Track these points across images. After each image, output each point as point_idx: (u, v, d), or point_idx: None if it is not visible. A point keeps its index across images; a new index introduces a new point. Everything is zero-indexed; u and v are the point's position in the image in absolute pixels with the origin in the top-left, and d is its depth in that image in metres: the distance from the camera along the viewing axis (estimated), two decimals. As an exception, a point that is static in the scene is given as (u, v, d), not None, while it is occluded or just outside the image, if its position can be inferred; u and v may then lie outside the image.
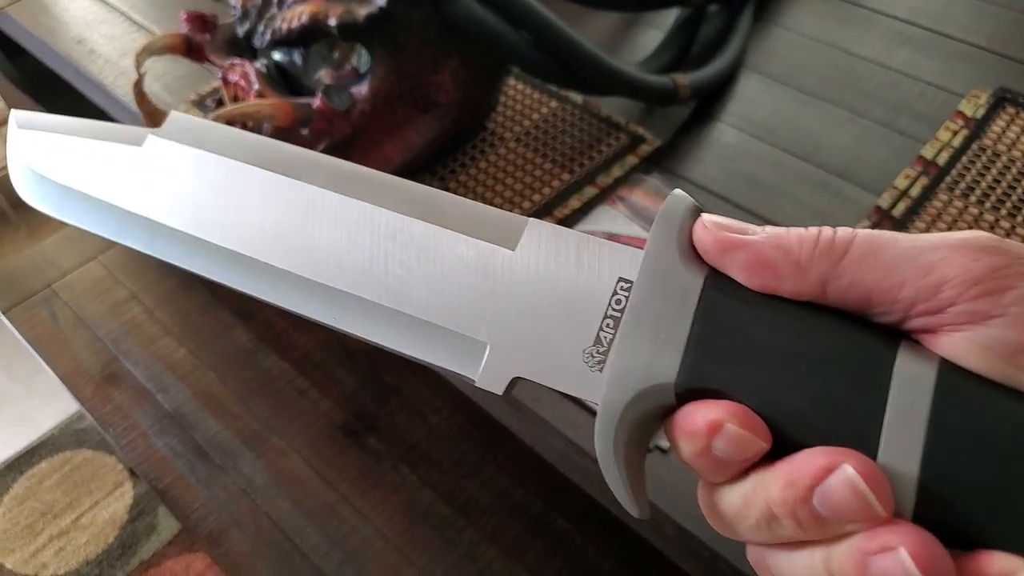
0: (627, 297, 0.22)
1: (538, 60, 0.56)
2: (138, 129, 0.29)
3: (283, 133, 0.52)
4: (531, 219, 0.24)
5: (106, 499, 1.23)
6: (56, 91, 1.19)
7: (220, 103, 0.57)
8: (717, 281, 0.21)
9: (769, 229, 0.21)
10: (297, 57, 0.56)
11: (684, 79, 0.63)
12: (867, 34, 0.73)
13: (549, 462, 0.53)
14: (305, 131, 0.52)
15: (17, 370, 1.44)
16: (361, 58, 0.55)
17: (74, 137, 0.29)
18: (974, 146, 0.61)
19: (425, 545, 0.70)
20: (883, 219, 0.57)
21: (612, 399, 0.21)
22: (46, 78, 0.87)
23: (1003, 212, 0.56)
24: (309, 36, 0.53)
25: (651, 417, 0.22)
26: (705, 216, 0.22)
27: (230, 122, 0.51)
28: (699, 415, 0.20)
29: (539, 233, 0.24)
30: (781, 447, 0.20)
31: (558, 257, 0.23)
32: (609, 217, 0.59)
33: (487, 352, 0.23)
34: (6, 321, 0.87)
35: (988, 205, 0.57)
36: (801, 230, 0.21)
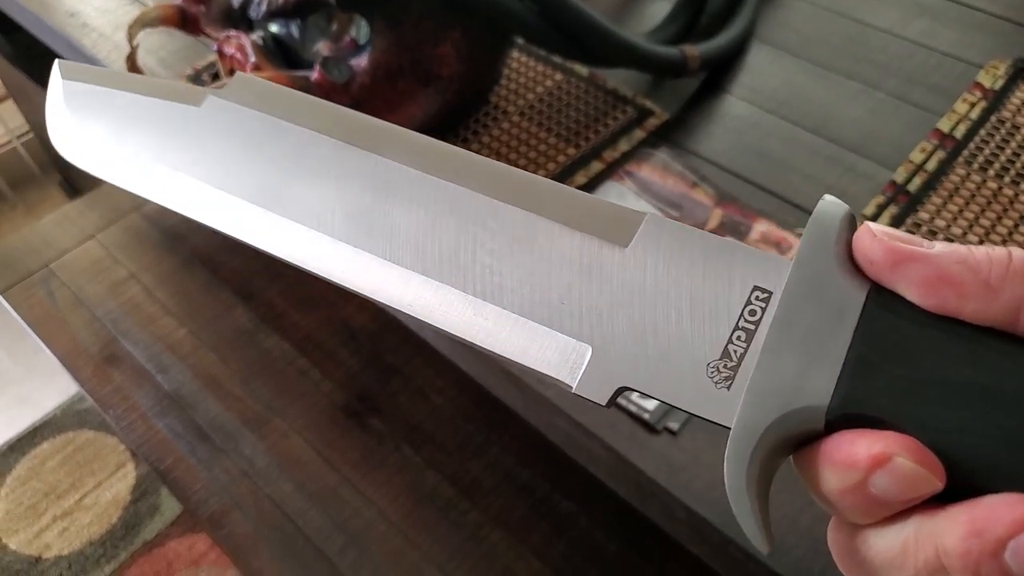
0: (763, 308, 0.20)
1: (542, 31, 0.54)
2: (196, 87, 0.27)
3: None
4: (648, 214, 0.22)
5: (109, 480, 1.22)
6: (50, 66, 1.18)
7: (216, 77, 0.56)
8: (882, 297, 0.19)
9: (945, 243, 0.19)
10: (294, 29, 0.54)
11: (693, 50, 0.61)
12: (881, 4, 0.71)
13: (555, 443, 0.51)
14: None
15: (17, 351, 1.43)
16: (360, 30, 0.54)
17: (124, 91, 0.27)
18: (993, 118, 0.59)
19: (429, 527, 0.69)
20: (898, 194, 0.55)
21: (750, 421, 0.19)
22: (40, 54, 0.86)
23: (1022, 186, 0.55)
24: (306, 7, 0.52)
25: (791, 444, 0.19)
26: (872, 224, 0.20)
27: (225, 95, 0.50)
28: (859, 445, 0.17)
29: (657, 230, 0.21)
30: (952, 489, 0.17)
31: (679, 258, 0.21)
32: (616, 192, 0.57)
33: (588, 357, 0.21)
34: (4, 302, 0.86)
35: (1008, 179, 0.55)
36: (988, 247, 0.18)
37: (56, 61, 0.28)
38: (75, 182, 1.60)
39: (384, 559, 0.68)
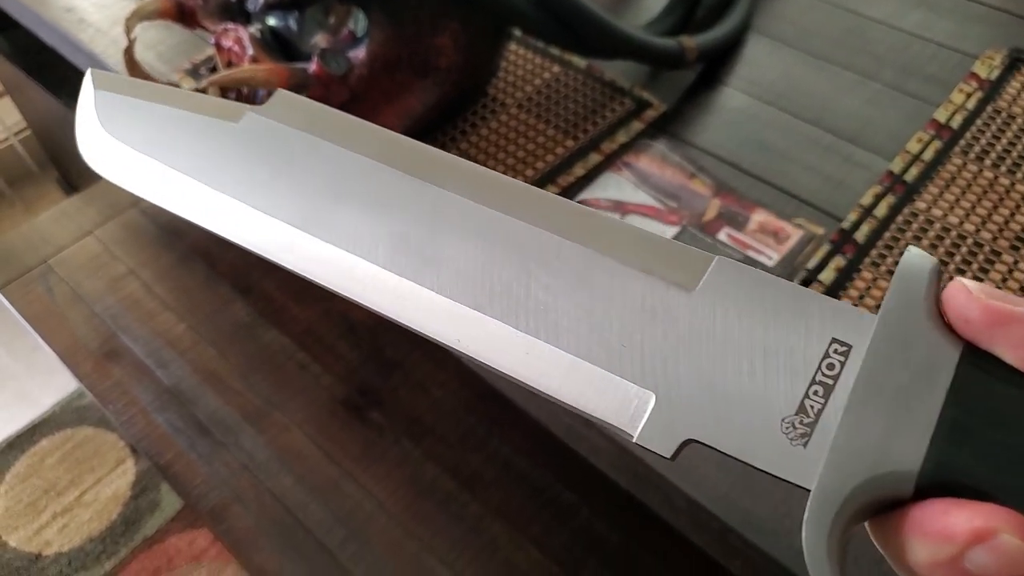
0: (842, 362, 0.19)
1: (540, 22, 0.54)
2: (234, 103, 0.26)
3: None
4: (718, 257, 0.21)
5: (108, 476, 1.22)
6: (48, 64, 1.17)
7: (214, 71, 0.56)
8: (977, 357, 0.18)
9: None
10: (292, 22, 0.54)
11: (691, 42, 0.61)
12: (878, -5, 0.71)
13: (555, 434, 0.52)
14: (301, 97, 0.50)
15: (16, 348, 1.43)
16: (358, 22, 0.54)
17: (158, 104, 0.26)
18: (989, 108, 0.59)
19: (430, 519, 0.70)
20: (895, 184, 0.55)
21: (833, 483, 0.18)
22: (38, 51, 0.86)
23: (1019, 176, 0.55)
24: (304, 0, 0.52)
25: (872, 508, 0.18)
26: (965, 281, 0.19)
27: (224, 88, 0.50)
28: (957, 517, 0.16)
29: (726, 274, 0.21)
30: None
31: (750, 304, 0.20)
32: (615, 184, 0.57)
33: (651, 405, 0.20)
34: (2, 298, 0.86)
35: (1004, 168, 0.55)
36: None
37: (89, 70, 0.27)
38: (73, 179, 1.60)
39: (385, 551, 0.68)
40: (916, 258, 0.19)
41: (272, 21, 0.54)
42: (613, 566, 0.67)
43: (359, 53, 0.51)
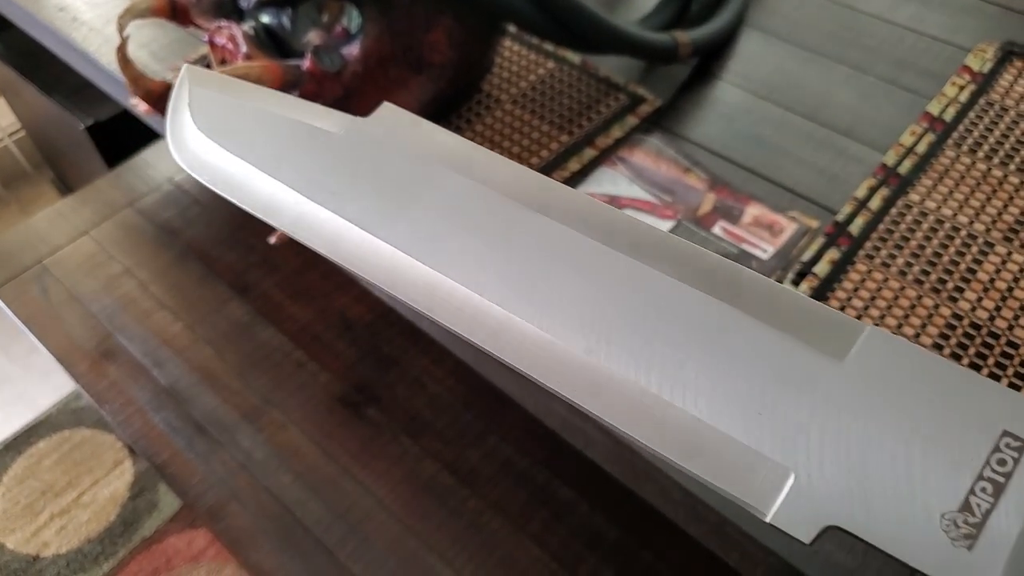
0: (1015, 459, 0.17)
1: (534, 17, 0.54)
2: (338, 113, 0.25)
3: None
4: (870, 327, 0.19)
5: (106, 477, 1.22)
6: (42, 63, 1.17)
7: (208, 68, 0.55)
8: None
9: None
10: (286, 19, 0.54)
11: (685, 36, 0.61)
12: (870, -12, 0.71)
13: (552, 429, 0.52)
14: (295, 94, 0.50)
15: (13, 350, 1.43)
16: (352, 19, 0.54)
17: (255, 106, 0.25)
18: (982, 101, 0.60)
19: (429, 516, 0.70)
20: (889, 176, 0.55)
21: None
22: (31, 51, 0.86)
23: (1012, 167, 0.55)
24: (297, -4, 0.52)
25: None
26: None
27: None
28: None
29: (881, 346, 0.18)
30: None
31: (909, 383, 0.18)
32: (610, 179, 0.57)
33: (790, 484, 0.18)
34: (-2, 299, 0.86)
35: (996, 160, 0.56)
36: None
37: (185, 66, 0.26)
38: (68, 180, 1.59)
39: (384, 548, 0.68)
40: None
41: (265, 18, 0.54)
42: (612, 561, 0.67)
43: (353, 50, 0.51)
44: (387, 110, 0.24)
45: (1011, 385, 0.44)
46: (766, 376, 0.18)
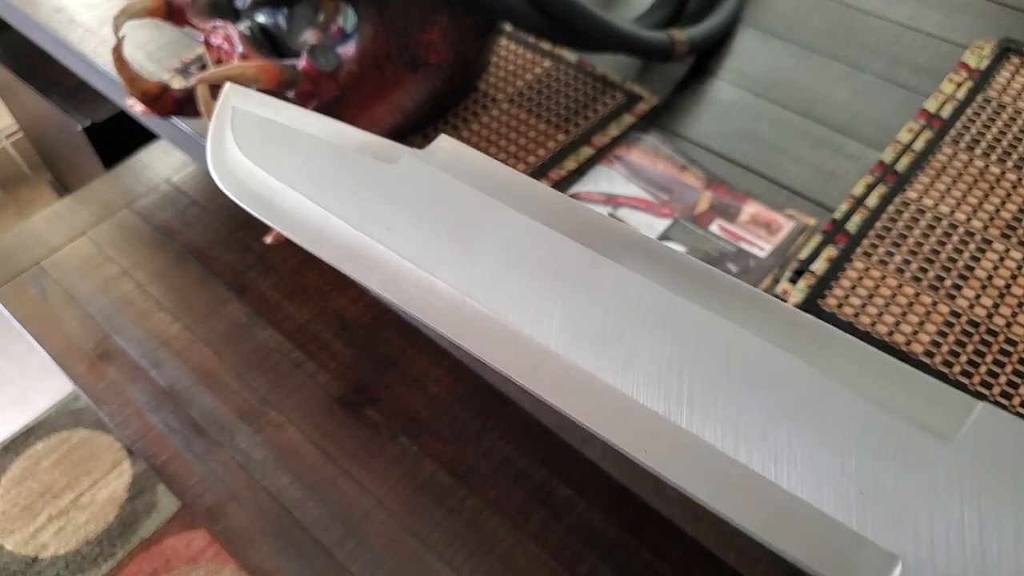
0: None
1: (530, 16, 0.54)
2: (392, 144, 0.23)
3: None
4: (982, 404, 0.17)
5: (105, 478, 1.22)
6: (39, 65, 1.17)
7: (204, 69, 0.56)
8: None
9: None
10: (281, 19, 0.54)
11: (681, 35, 0.61)
12: (867, -14, 0.71)
13: (549, 427, 0.52)
14: (291, 93, 0.50)
15: (10, 350, 1.43)
16: (347, 19, 0.54)
17: (301, 131, 0.23)
18: (979, 98, 0.60)
19: (427, 515, 0.70)
20: (886, 174, 0.55)
21: None
22: (28, 52, 0.85)
23: (1009, 164, 0.55)
24: (293, -5, 0.51)
25: None
26: None
27: (214, 85, 0.50)
28: None
29: (995, 425, 0.17)
30: None
31: None
32: (607, 177, 0.57)
33: (897, 571, 0.16)
34: (-4, 300, 0.86)
35: (994, 157, 0.56)
36: None
37: (227, 85, 0.24)
38: (66, 181, 1.59)
39: (382, 548, 0.68)
40: None
41: (261, 18, 0.54)
42: (610, 559, 0.67)
43: (348, 49, 0.51)
44: (444, 143, 0.23)
45: (1008, 382, 0.44)
46: (866, 452, 0.17)
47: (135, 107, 0.57)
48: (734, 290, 0.18)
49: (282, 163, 0.23)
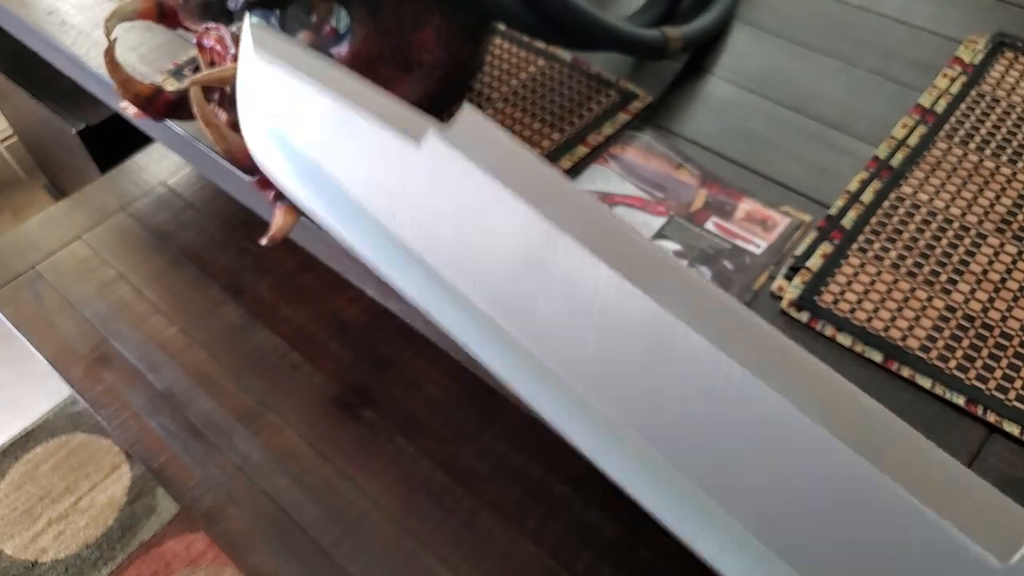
0: None
1: (523, 15, 0.54)
2: (416, 116, 0.21)
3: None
4: None
5: (104, 482, 1.22)
6: (32, 68, 1.17)
7: (197, 71, 0.55)
8: None
9: None
10: (274, 21, 0.54)
11: (675, 32, 0.61)
12: (860, -18, 0.71)
13: (544, 425, 0.52)
14: (285, 95, 0.50)
15: (7, 355, 1.42)
16: (340, 19, 0.53)
17: (329, 90, 0.21)
18: (973, 92, 0.60)
19: (424, 515, 0.70)
20: (881, 169, 0.55)
21: None
22: (21, 55, 0.85)
23: (1003, 159, 0.55)
24: (285, -3, 0.51)
25: None
26: None
27: (208, 87, 0.50)
28: None
29: None
30: None
31: None
32: (602, 176, 0.57)
33: None
34: (-9, 305, 0.86)
35: (988, 152, 0.56)
36: None
37: (247, 23, 0.23)
38: (61, 184, 1.59)
39: (380, 548, 0.68)
40: None
41: (254, 20, 0.54)
42: (607, 558, 0.67)
43: (341, 50, 0.51)
44: (468, 118, 0.20)
45: (1004, 376, 0.44)
46: (911, 564, 0.15)
47: (128, 110, 0.57)
48: (778, 347, 0.16)
49: (310, 135, 0.22)
